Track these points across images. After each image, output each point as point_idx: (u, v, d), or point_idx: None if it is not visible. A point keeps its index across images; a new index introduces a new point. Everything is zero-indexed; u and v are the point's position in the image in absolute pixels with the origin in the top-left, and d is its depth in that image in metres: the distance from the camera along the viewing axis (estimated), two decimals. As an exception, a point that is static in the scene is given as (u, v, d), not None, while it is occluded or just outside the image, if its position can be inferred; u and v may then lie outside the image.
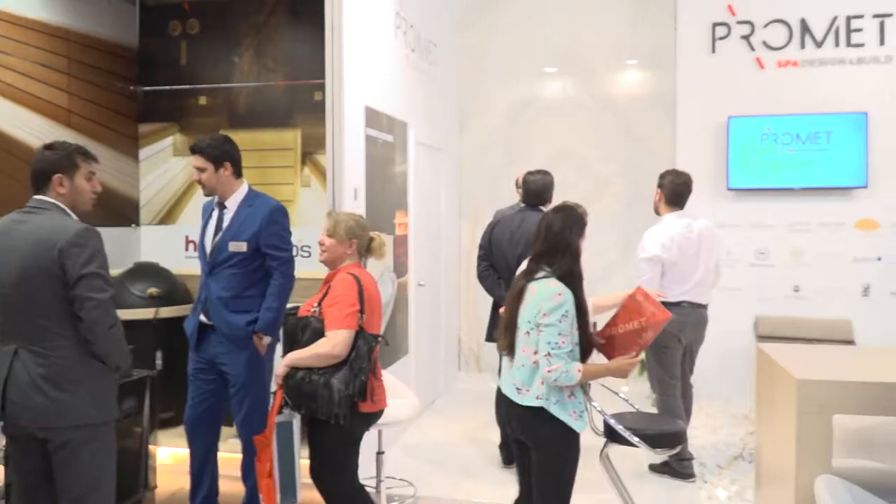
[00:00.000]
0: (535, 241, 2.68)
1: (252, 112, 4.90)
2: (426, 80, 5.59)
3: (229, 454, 3.60)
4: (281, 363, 2.79)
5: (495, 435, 4.43)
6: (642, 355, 2.72)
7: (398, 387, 3.53)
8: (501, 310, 3.99)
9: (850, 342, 5.16)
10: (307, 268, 4.79)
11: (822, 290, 5.58)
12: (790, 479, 2.36)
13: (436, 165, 5.95)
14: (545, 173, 4.34)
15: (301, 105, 4.79)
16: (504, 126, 6.62)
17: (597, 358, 2.70)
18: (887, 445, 2.90)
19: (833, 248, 5.58)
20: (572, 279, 2.54)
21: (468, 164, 6.68)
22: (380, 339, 2.87)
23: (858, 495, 2.22)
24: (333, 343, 2.69)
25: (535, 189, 4.25)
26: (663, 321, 2.59)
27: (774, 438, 2.63)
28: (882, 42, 5.56)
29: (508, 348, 2.64)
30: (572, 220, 2.62)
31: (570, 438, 2.55)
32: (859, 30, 5.59)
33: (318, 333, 2.74)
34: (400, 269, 4.85)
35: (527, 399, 2.54)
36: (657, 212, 4.24)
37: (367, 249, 2.98)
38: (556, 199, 6.23)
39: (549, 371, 2.45)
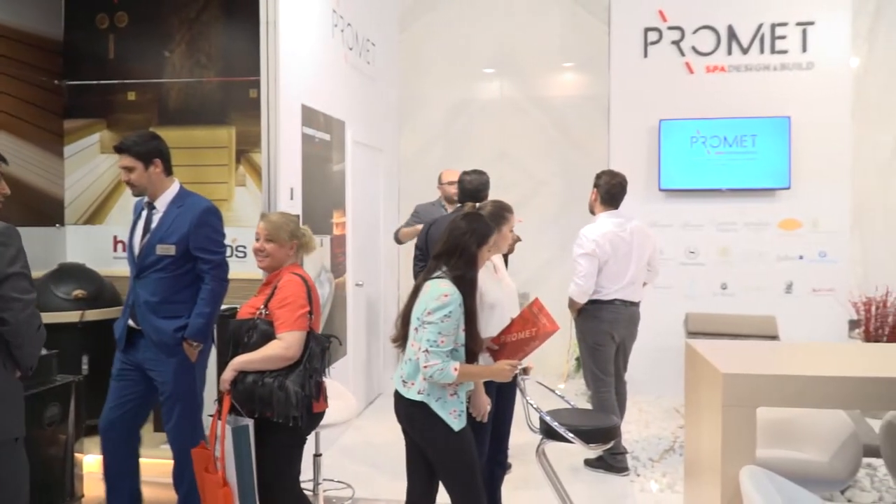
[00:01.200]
0: (438, 242, 2.72)
1: (184, 109, 4.77)
2: (364, 80, 5.55)
3: (161, 460, 3.51)
4: (228, 367, 2.70)
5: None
6: (526, 361, 2.82)
7: (336, 388, 3.50)
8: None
9: (775, 337, 5.37)
10: (242, 269, 4.70)
11: (748, 288, 5.80)
12: (716, 471, 2.44)
13: (374, 165, 5.92)
14: (481, 173, 4.37)
15: (236, 102, 4.69)
16: (442, 126, 6.64)
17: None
18: (808, 435, 3.04)
19: (758, 248, 5.81)
20: (464, 283, 2.60)
21: (407, 164, 6.67)
22: (332, 339, 2.87)
23: (780, 484, 2.31)
24: (287, 345, 2.65)
25: (472, 188, 4.27)
26: (551, 332, 2.71)
27: (702, 431, 2.72)
28: (804, 49, 5.81)
29: (401, 341, 2.69)
30: (476, 227, 2.67)
31: (450, 437, 2.58)
32: (783, 37, 5.83)
33: (267, 336, 2.69)
34: (337, 269, 4.81)
35: (410, 392, 2.60)
36: (592, 211, 4.33)
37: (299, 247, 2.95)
38: (493, 198, 6.31)
39: (425, 367, 2.51)
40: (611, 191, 4.20)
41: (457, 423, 2.57)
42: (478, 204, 3.25)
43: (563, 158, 6.48)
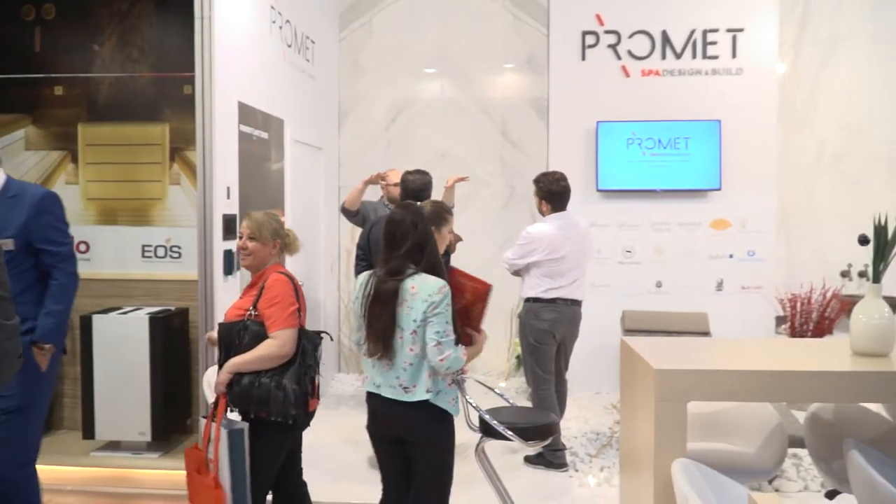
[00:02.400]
0: (391, 241, 2.68)
1: (115, 104, 4.63)
2: (304, 78, 5.49)
3: (90, 468, 3.38)
4: (223, 370, 2.67)
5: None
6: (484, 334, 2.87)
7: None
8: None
9: (706, 334, 5.55)
10: (178, 269, 4.60)
11: (681, 286, 5.97)
12: (650, 464, 2.50)
13: (314, 164, 5.85)
14: (424, 173, 4.39)
15: (169, 98, 4.57)
16: (383, 125, 6.61)
17: None
18: (737, 428, 3.14)
19: (691, 247, 5.99)
20: (441, 270, 2.65)
21: (348, 163, 6.62)
22: (323, 334, 2.88)
23: (710, 476, 2.38)
24: (281, 343, 2.66)
25: (414, 188, 4.28)
26: (486, 290, 2.81)
27: (636, 426, 2.78)
28: (734, 55, 6.01)
29: (386, 352, 2.61)
30: (420, 215, 2.71)
31: (449, 425, 2.69)
32: (714, 43, 6.02)
33: (259, 336, 2.68)
34: (276, 269, 4.73)
35: (416, 395, 2.59)
36: (542, 213, 4.36)
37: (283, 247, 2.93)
38: (435, 199, 6.32)
39: (441, 360, 2.53)
40: (552, 191, 4.25)
41: (454, 409, 2.68)
42: (418, 203, 3.25)
43: (503, 159, 6.54)
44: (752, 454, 2.92)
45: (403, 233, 2.64)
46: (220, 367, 2.72)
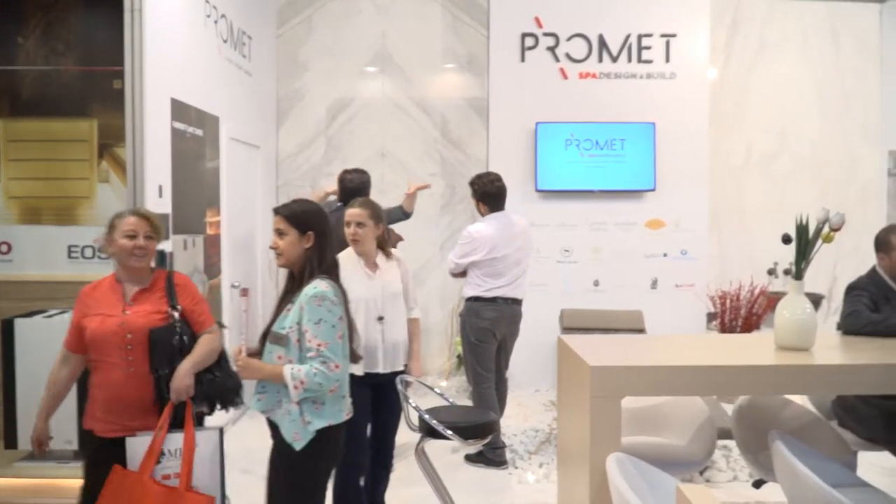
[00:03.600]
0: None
1: (40, 99, 4.42)
2: (240, 74, 5.38)
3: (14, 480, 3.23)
4: (182, 375, 2.57)
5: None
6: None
7: (208, 393, 3.36)
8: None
9: (642, 331, 5.68)
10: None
11: (618, 285, 6.10)
12: (585, 459, 2.54)
13: (252, 162, 5.75)
14: (362, 172, 4.36)
15: (98, 93, 4.40)
16: (323, 124, 6.54)
17: None
18: (669, 422, 3.23)
19: (627, 246, 6.13)
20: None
21: (286, 162, 6.53)
22: (220, 325, 2.88)
23: (643, 469, 2.44)
24: (219, 335, 2.74)
25: (353, 187, 4.25)
26: None
27: (573, 422, 2.82)
28: (668, 60, 6.17)
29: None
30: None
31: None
32: (648, 47, 6.17)
33: (192, 335, 2.69)
34: (211, 270, 4.62)
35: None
36: (481, 214, 4.38)
37: None
38: (376, 199, 6.29)
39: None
40: (487, 192, 4.28)
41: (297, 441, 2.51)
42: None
43: (443, 159, 6.55)
44: (684, 447, 3.00)
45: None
46: (155, 373, 2.62)
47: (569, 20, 6.15)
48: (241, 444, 4.67)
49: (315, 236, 2.47)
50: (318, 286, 2.40)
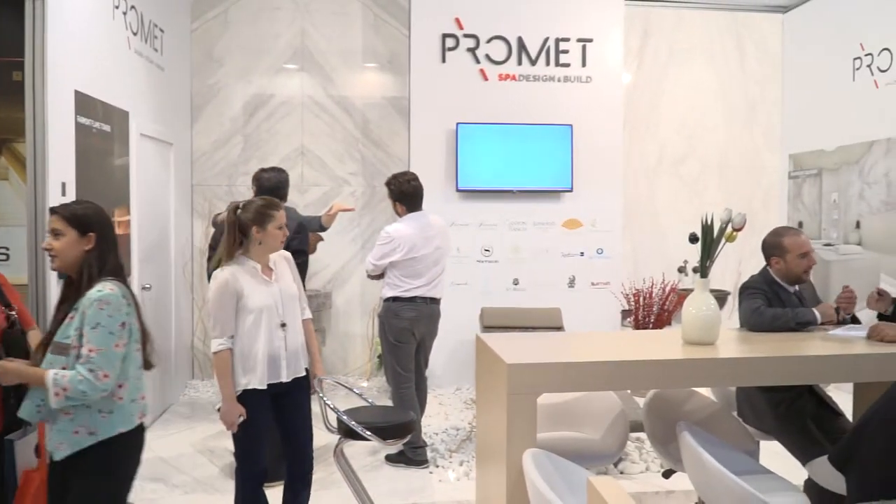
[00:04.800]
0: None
1: (-71, 90, 4.14)
2: (152, 68, 5.18)
3: None
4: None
5: (230, 443, 4.24)
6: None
7: (116, 400, 3.22)
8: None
9: (560, 328, 5.80)
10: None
11: (537, 283, 6.21)
12: (503, 455, 2.57)
13: (164, 160, 5.55)
14: (280, 170, 4.28)
15: (-5, 85, 4.15)
16: (240, 121, 6.39)
17: None
18: (584, 416, 3.31)
19: (545, 245, 6.24)
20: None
21: (201, 160, 6.34)
22: None
23: (559, 464, 2.49)
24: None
25: (270, 186, 4.16)
26: None
27: (490, 419, 2.86)
28: (584, 64, 6.31)
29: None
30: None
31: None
32: (566, 51, 6.30)
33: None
34: (121, 271, 4.43)
35: None
36: (398, 214, 4.37)
37: None
38: (295, 198, 6.20)
39: None
40: (404, 191, 4.27)
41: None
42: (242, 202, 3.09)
43: (364, 158, 6.52)
44: (598, 440, 3.09)
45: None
46: None
47: (489, 22, 6.21)
48: (153, 454, 4.51)
49: (96, 238, 2.35)
50: (103, 289, 2.27)
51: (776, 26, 7.08)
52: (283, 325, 2.98)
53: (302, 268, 4.00)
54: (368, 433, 2.98)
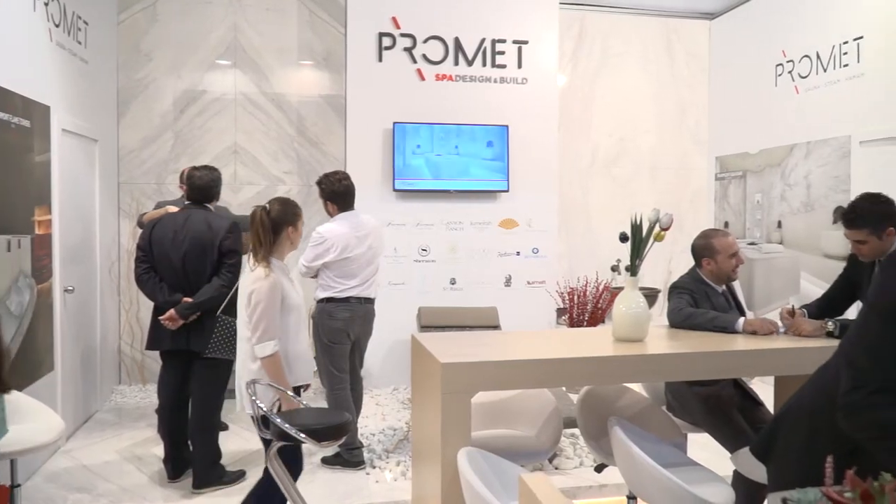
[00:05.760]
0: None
1: None
2: (75, 62, 4.98)
3: None
4: None
5: (160, 449, 4.13)
6: None
7: (34, 408, 3.09)
8: (167, 315, 3.77)
9: (497, 327, 5.85)
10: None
11: (473, 282, 6.25)
12: (438, 454, 2.58)
13: (89, 157, 5.34)
14: (212, 169, 4.17)
15: None
16: (170, 117, 6.21)
17: None
18: (519, 414, 3.34)
19: (482, 245, 6.28)
20: None
21: (129, 157, 6.13)
22: None
23: (493, 461, 2.51)
24: None
25: (201, 185, 4.05)
26: None
27: (426, 419, 2.86)
28: (520, 66, 6.38)
29: None
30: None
31: None
32: (502, 53, 6.36)
33: None
34: (40, 273, 4.24)
35: None
36: (330, 214, 4.33)
37: None
38: (228, 197, 6.08)
39: None
40: (335, 191, 4.23)
41: None
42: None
43: (299, 157, 6.43)
44: (532, 437, 3.12)
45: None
46: None
47: (426, 22, 6.21)
48: (76, 462, 4.34)
49: None
50: None
51: (704, 32, 7.32)
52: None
53: (235, 268, 3.92)
54: (302, 435, 2.93)
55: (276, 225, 3.05)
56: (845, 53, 5.49)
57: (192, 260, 3.86)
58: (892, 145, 5.03)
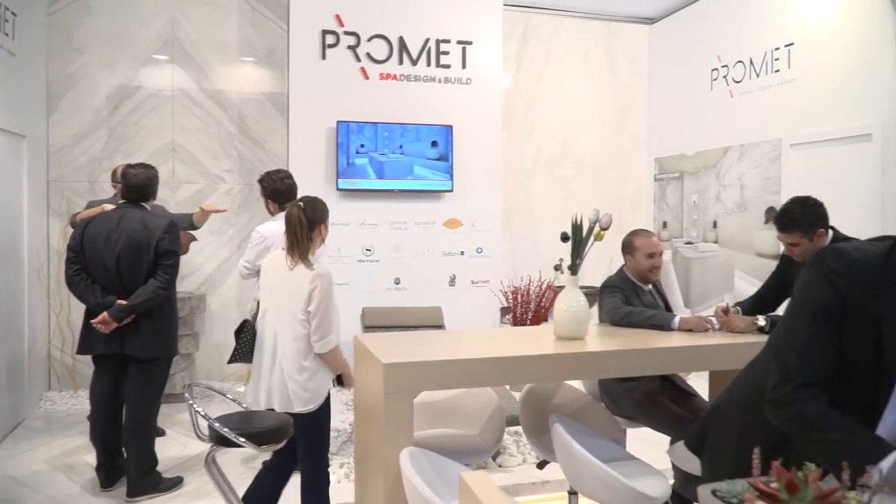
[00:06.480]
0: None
1: None
2: (2, 54, 4.77)
3: None
4: None
5: (92, 457, 3.99)
6: None
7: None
8: (99, 318, 3.64)
9: (441, 327, 5.85)
10: None
11: (418, 282, 6.23)
12: (381, 455, 2.56)
13: (16, 153, 5.13)
14: (148, 167, 4.05)
15: None
16: (104, 113, 6.01)
17: None
18: (462, 413, 3.35)
19: (426, 245, 6.27)
20: None
21: (59, 154, 5.91)
22: None
23: (435, 461, 2.51)
24: None
25: (137, 183, 3.93)
26: None
27: (369, 420, 2.84)
28: (464, 66, 6.40)
29: None
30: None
31: None
32: (447, 53, 6.36)
33: None
34: (-36, 274, 4.05)
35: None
36: (271, 213, 4.25)
37: None
38: (166, 196, 5.92)
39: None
40: (277, 190, 4.16)
41: None
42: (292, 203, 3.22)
43: (241, 155, 6.31)
44: (476, 436, 3.13)
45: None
46: None
47: (370, 21, 6.16)
48: (2, 473, 4.15)
49: None
50: None
51: (643, 36, 7.48)
52: None
53: (173, 269, 3.82)
54: (242, 439, 2.88)
55: (311, 223, 3.14)
56: (777, 59, 5.70)
57: (127, 261, 3.74)
58: (821, 148, 5.24)
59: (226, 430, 2.88)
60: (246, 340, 3.61)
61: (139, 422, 3.82)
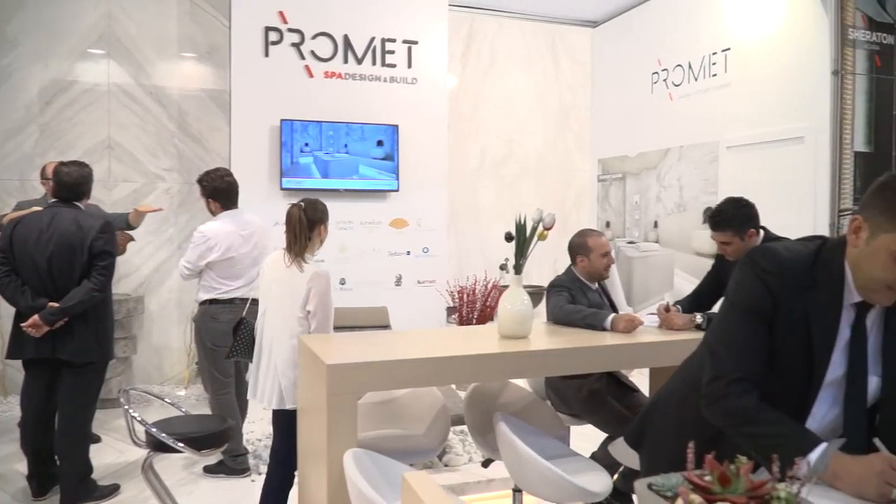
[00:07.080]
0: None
1: None
2: (-78, 44, 4.55)
3: None
4: None
5: (23, 465, 3.83)
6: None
7: None
8: (30, 322, 3.49)
9: (387, 327, 5.83)
10: None
11: (364, 282, 6.19)
12: (324, 456, 2.53)
13: (-61, 150, 4.89)
14: (82, 165, 3.91)
15: None
16: (36, 109, 5.79)
17: None
18: (408, 413, 3.35)
19: (372, 245, 6.24)
20: None
21: (-12, 151, 5.67)
22: None
23: (380, 462, 2.49)
24: None
25: (70, 182, 3.79)
26: None
27: (312, 422, 2.80)
28: (410, 65, 6.38)
29: None
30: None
31: None
32: (392, 52, 6.33)
33: None
34: None
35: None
36: (212, 213, 4.17)
37: None
38: (101, 195, 5.74)
39: None
40: (217, 188, 4.08)
41: None
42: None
43: (180, 153, 6.16)
44: (421, 436, 3.13)
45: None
46: None
47: (314, 18, 6.08)
48: (-74, 483, 3.97)
49: None
50: None
51: (586, 38, 7.60)
52: None
53: (108, 270, 3.70)
54: (180, 444, 2.82)
55: (311, 223, 3.19)
56: (714, 64, 5.86)
57: (59, 262, 3.60)
58: (755, 150, 5.42)
59: (163, 435, 2.82)
60: (243, 337, 3.55)
61: (73, 428, 3.68)
